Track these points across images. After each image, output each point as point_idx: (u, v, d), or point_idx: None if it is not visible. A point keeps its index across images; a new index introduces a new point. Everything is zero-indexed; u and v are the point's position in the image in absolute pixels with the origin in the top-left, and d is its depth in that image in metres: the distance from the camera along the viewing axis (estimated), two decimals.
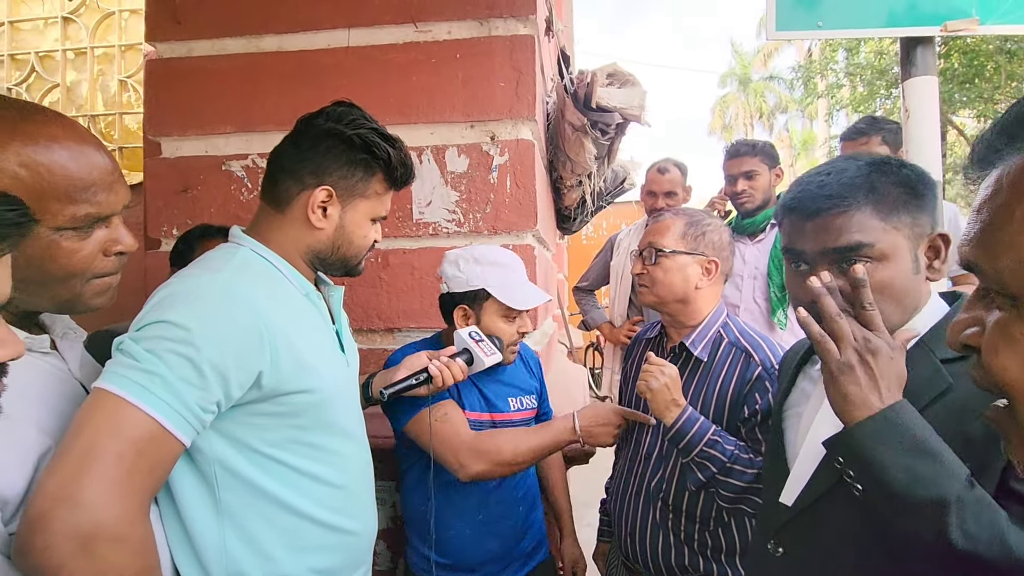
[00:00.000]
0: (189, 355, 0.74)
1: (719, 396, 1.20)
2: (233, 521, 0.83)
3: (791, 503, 0.78)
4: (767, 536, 0.82)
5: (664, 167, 2.44)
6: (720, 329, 1.26)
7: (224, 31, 1.69)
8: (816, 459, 0.76)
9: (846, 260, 0.73)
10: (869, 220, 0.73)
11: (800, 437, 0.82)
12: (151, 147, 1.73)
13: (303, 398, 0.86)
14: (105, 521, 0.65)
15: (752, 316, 2.13)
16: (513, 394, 1.35)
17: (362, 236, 0.98)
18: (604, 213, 3.62)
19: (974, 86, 8.91)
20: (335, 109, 0.96)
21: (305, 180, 0.93)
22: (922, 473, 0.60)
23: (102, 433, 0.68)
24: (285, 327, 0.85)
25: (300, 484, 0.88)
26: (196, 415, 0.75)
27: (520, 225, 1.61)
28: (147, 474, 0.71)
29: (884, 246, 0.73)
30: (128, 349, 0.74)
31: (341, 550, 0.95)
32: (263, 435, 0.85)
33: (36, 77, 2.35)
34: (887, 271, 0.73)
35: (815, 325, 0.69)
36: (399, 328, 1.65)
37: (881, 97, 10.43)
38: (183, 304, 0.78)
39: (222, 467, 0.83)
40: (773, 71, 22.69)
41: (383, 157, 0.94)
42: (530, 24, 1.61)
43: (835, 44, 10.66)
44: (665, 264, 1.25)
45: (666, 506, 1.22)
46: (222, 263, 0.88)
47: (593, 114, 1.83)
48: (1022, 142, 0.41)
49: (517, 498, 1.33)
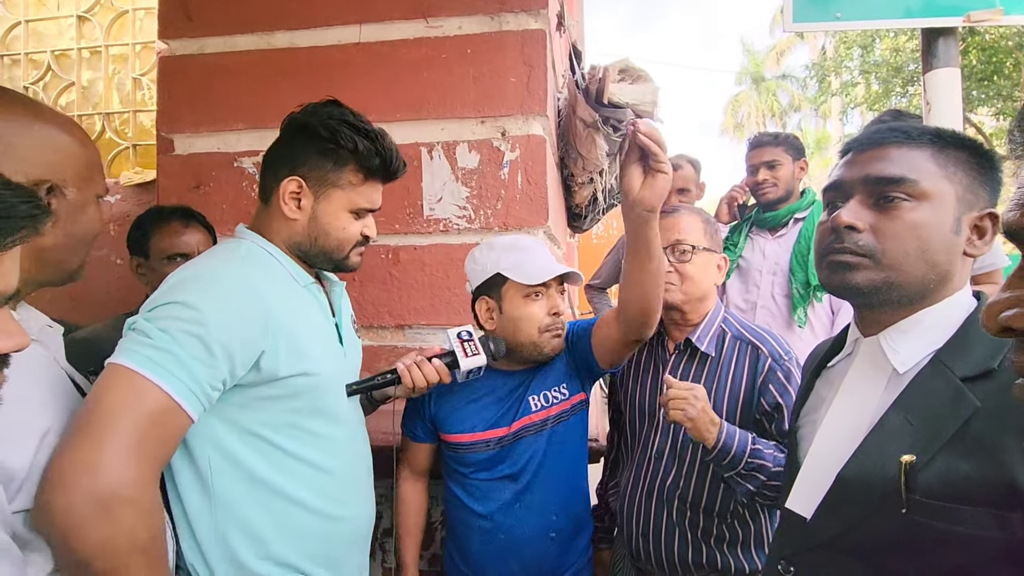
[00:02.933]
0: (200, 334, 0.79)
1: (731, 391, 1.19)
2: (226, 508, 0.88)
3: (801, 511, 0.74)
4: (780, 553, 0.78)
5: (677, 163, 2.40)
6: (722, 324, 1.26)
7: (236, 28, 1.70)
8: (823, 466, 0.72)
9: (884, 196, 0.69)
10: (924, 162, 0.69)
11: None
12: (164, 144, 1.74)
13: (299, 381, 0.90)
14: (122, 484, 0.70)
15: (770, 313, 2.08)
16: (534, 391, 1.24)
17: (340, 228, 0.99)
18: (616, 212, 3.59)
19: (992, 83, 8.74)
20: (314, 104, 0.99)
21: (279, 172, 0.97)
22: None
23: (119, 404, 0.72)
24: (285, 314, 0.90)
25: (293, 469, 0.92)
26: (204, 391, 0.79)
27: (531, 221, 1.59)
28: (159, 444, 0.76)
29: (928, 186, 0.68)
30: (142, 328, 0.78)
31: (333, 536, 0.97)
32: (259, 417, 0.89)
33: (52, 76, 2.38)
34: (923, 212, 0.68)
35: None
36: (409, 325, 1.64)
37: (897, 95, 10.26)
38: (194, 288, 0.83)
39: (217, 452, 0.87)
40: (786, 70, 22.46)
41: (348, 147, 0.96)
42: (541, 19, 1.60)
43: (850, 41, 10.50)
44: (696, 261, 1.24)
45: (683, 505, 1.21)
46: (228, 254, 0.95)
47: (605, 110, 1.80)
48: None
49: (545, 526, 1.21)
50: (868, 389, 0.72)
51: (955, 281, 0.71)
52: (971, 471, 0.59)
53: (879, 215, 0.70)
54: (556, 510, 1.22)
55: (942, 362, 0.66)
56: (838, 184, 0.75)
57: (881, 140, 0.72)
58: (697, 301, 1.25)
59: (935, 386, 0.65)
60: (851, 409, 0.73)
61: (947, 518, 0.59)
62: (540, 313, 1.17)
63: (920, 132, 0.71)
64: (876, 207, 0.70)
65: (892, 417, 0.67)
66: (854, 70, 11.37)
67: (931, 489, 0.60)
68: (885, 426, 0.67)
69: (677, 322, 1.29)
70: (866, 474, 0.66)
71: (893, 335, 0.72)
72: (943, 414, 0.63)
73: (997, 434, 0.58)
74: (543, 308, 1.17)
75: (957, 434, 0.61)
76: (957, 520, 0.59)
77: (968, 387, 0.63)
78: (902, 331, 0.71)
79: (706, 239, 1.26)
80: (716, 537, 1.19)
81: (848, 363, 0.78)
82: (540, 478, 1.21)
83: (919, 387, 0.67)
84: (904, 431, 0.65)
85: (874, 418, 0.69)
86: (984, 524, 0.57)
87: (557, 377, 1.26)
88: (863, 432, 0.69)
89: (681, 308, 1.25)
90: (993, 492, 0.57)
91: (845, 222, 0.70)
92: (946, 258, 0.69)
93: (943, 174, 0.69)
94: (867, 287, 0.70)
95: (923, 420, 0.63)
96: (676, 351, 1.28)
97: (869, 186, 0.71)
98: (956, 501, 0.59)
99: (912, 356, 0.70)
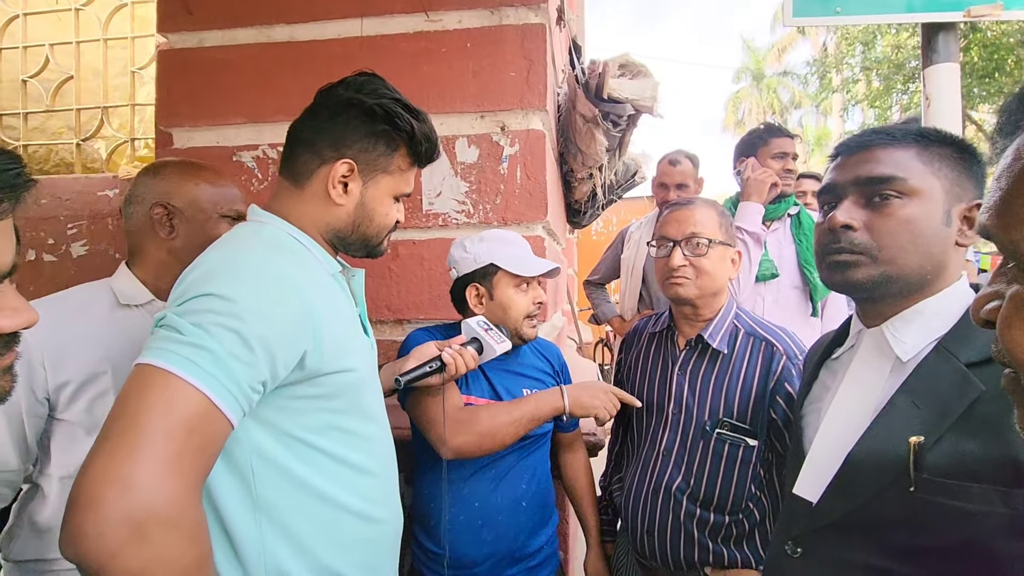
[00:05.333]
0: (237, 328, 0.69)
1: (743, 389, 1.18)
2: (271, 517, 0.79)
3: (808, 496, 0.76)
4: (787, 535, 0.80)
5: (675, 158, 2.40)
6: (734, 320, 1.24)
7: (235, 21, 1.69)
8: (830, 451, 0.74)
9: (877, 193, 0.73)
10: (911, 160, 0.72)
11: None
12: (163, 138, 1.74)
13: (342, 378, 0.83)
14: (158, 504, 0.61)
15: (779, 306, 2.06)
16: (529, 385, 1.31)
17: (383, 214, 0.93)
18: (615, 208, 3.59)
19: (994, 80, 8.73)
20: (356, 79, 0.91)
21: (325, 153, 0.88)
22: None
23: (151, 410, 0.63)
24: (323, 304, 0.81)
25: (338, 473, 0.84)
26: (245, 393, 0.70)
27: (530, 216, 1.59)
28: (198, 454, 0.66)
29: (917, 183, 0.72)
30: (172, 323, 0.69)
31: (377, 542, 0.91)
32: (300, 420, 0.81)
33: (50, 68, 2.37)
34: (914, 208, 0.72)
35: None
36: (408, 319, 1.65)
37: (898, 92, 10.24)
38: (227, 277, 0.74)
39: (260, 458, 0.78)
40: (787, 67, 22.40)
41: (406, 129, 0.89)
42: (541, 13, 1.59)
43: (851, 38, 10.48)
44: (712, 255, 1.21)
45: (691, 503, 1.20)
46: (252, 239, 0.83)
47: (604, 105, 1.80)
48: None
49: (517, 496, 1.27)
50: (873, 377, 0.75)
51: (951, 270, 0.74)
52: (977, 450, 0.62)
53: (872, 213, 0.73)
54: (526, 480, 1.28)
55: (946, 349, 0.69)
56: (831, 187, 0.78)
57: (868, 143, 0.75)
58: (711, 296, 1.22)
59: (941, 371, 0.68)
60: (856, 396, 0.76)
61: (954, 496, 0.62)
62: (526, 302, 1.26)
63: (904, 133, 0.74)
64: (869, 206, 0.74)
65: (899, 401, 0.70)
66: (855, 67, 11.35)
67: (938, 468, 0.64)
68: (893, 409, 0.70)
69: (689, 317, 1.26)
70: (875, 455, 0.69)
71: (896, 324, 0.75)
72: (949, 397, 0.66)
73: (1002, 415, 0.61)
74: (529, 298, 1.27)
75: (963, 415, 0.64)
76: (964, 497, 0.62)
77: (973, 372, 0.66)
78: (905, 321, 0.74)
79: (721, 232, 1.23)
80: (724, 535, 1.19)
81: (852, 354, 0.81)
82: (512, 453, 1.27)
83: (925, 372, 0.69)
84: (912, 414, 0.68)
85: (879, 404, 0.72)
86: (990, 501, 0.60)
87: (546, 384, 1.34)
88: (869, 418, 0.72)
89: (694, 303, 1.22)
90: (999, 470, 0.60)
91: (841, 222, 0.74)
92: (939, 249, 0.72)
93: (929, 170, 0.72)
94: (867, 282, 0.74)
95: (930, 403, 0.66)
96: (687, 347, 1.26)
97: (861, 187, 0.74)
98: (963, 479, 0.62)
99: (915, 345, 0.73)
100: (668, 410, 1.25)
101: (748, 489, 1.17)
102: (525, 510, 1.27)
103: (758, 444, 1.17)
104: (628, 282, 2.55)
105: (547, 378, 1.36)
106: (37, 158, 2.39)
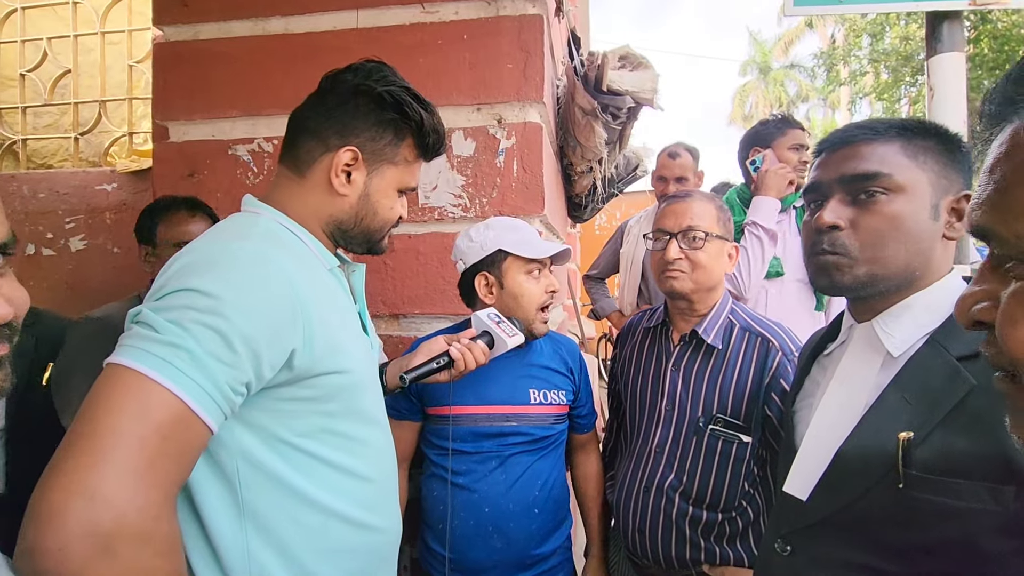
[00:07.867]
0: (218, 326, 0.65)
1: (737, 385, 1.16)
2: (257, 523, 0.75)
3: (798, 493, 0.75)
4: (777, 533, 0.80)
5: (675, 151, 2.37)
6: (729, 316, 1.22)
7: (230, 13, 1.68)
8: (820, 447, 0.74)
9: (862, 191, 0.72)
10: (895, 155, 0.71)
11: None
12: (159, 131, 1.73)
13: (335, 380, 0.78)
14: (127, 516, 0.56)
15: (783, 300, 2.03)
16: (536, 385, 1.25)
17: (388, 207, 0.90)
18: (617, 202, 3.58)
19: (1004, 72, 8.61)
20: (364, 65, 0.88)
21: (329, 141, 0.84)
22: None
23: (121, 415, 0.58)
24: (317, 301, 0.77)
25: (329, 478, 0.80)
26: (226, 396, 0.65)
27: (527, 210, 1.58)
28: (172, 462, 0.61)
29: (903, 179, 0.71)
30: (148, 320, 0.64)
31: (370, 550, 0.86)
32: (291, 423, 0.77)
33: (48, 62, 2.36)
34: (901, 204, 0.71)
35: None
36: (404, 314, 1.64)
37: (906, 84, 10.12)
38: (210, 271, 0.69)
39: (246, 462, 0.74)
40: (794, 59, 22.18)
41: (415, 119, 0.86)
42: (539, 4, 1.57)
43: (859, 30, 10.35)
44: (709, 248, 1.19)
45: (684, 501, 1.19)
46: (245, 230, 0.79)
47: (604, 97, 1.78)
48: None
49: (529, 502, 1.22)
50: (863, 372, 0.74)
51: (940, 264, 0.73)
52: (968, 446, 0.61)
53: (859, 211, 0.73)
54: (539, 486, 1.24)
55: (938, 342, 0.69)
56: (816, 186, 0.77)
57: (850, 139, 0.74)
58: (706, 291, 1.21)
59: (932, 365, 0.67)
60: (847, 391, 0.75)
61: (943, 492, 0.61)
62: (539, 290, 1.22)
63: (887, 127, 0.73)
64: (855, 204, 0.73)
65: (890, 396, 0.69)
66: (863, 59, 11.21)
67: (928, 464, 0.63)
68: (883, 405, 0.69)
69: (684, 312, 1.24)
70: (864, 451, 0.68)
71: (886, 320, 0.74)
72: (940, 391, 0.65)
73: (993, 409, 0.59)
74: (541, 286, 1.22)
75: (954, 411, 0.63)
76: (953, 494, 0.61)
77: (964, 365, 0.65)
78: (895, 316, 0.73)
79: (719, 226, 1.21)
80: (716, 533, 1.18)
81: (843, 349, 0.80)
82: (524, 455, 1.23)
83: (916, 367, 0.68)
84: (901, 409, 0.67)
85: (870, 400, 0.71)
86: (980, 497, 0.59)
87: (558, 383, 1.29)
88: (859, 413, 0.71)
89: (689, 297, 1.21)
90: (989, 466, 0.59)
91: (827, 222, 0.73)
92: (928, 244, 0.71)
93: (914, 164, 0.71)
94: (853, 284, 0.73)
95: (920, 398, 0.65)
96: (681, 342, 1.24)
97: (846, 184, 0.73)
98: (952, 475, 0.61)
99: (905, 340, 0.72)
100: (661, 406, 1.24)
101: (741, 487, 1.16)
102: (538, 516, 1.23)
103: (752, 441, 1.16)
104: (627, 277, 2.53)
105: (558, 379, 1.30)
106: (36, 152, 2.39)
